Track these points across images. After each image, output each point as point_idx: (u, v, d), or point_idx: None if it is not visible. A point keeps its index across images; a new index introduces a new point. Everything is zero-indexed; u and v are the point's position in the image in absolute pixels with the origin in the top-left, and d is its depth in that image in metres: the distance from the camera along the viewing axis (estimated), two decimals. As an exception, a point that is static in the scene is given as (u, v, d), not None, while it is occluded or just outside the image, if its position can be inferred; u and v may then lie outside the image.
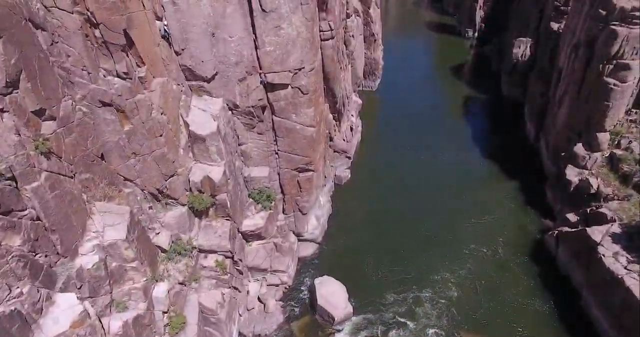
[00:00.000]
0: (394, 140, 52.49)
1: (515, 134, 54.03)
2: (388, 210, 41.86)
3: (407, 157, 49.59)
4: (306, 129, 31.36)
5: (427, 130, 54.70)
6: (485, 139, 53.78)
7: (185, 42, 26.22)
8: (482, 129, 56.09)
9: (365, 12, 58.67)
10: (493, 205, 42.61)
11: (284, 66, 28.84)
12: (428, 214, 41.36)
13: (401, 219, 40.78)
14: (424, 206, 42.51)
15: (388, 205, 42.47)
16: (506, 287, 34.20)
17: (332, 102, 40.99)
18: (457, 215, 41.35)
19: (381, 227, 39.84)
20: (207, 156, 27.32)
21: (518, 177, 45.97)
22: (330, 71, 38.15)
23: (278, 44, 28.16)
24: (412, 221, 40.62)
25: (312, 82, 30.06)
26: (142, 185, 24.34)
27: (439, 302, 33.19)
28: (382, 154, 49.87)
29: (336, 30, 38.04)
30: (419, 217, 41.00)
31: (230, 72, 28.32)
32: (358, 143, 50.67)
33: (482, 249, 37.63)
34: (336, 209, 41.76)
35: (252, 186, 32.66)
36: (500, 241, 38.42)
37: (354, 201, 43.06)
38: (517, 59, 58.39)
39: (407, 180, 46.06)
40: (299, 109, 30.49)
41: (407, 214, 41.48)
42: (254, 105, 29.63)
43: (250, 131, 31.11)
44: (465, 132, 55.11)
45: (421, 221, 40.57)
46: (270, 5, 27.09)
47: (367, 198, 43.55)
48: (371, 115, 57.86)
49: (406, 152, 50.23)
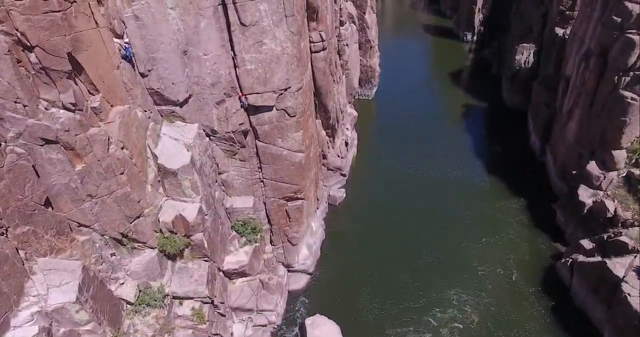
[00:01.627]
0: (392, 153, 48.78)
1: (518, 145, 50.35)
2: (386, 232, 38.18)
3: (406, 172, 45.94)
4: (294, 155, 27.62)
5: (427, 142, 51.00)
6: (487, 150, 50.11)
7: (152, 63, 22.45)
8: (484, 140, 52.38)
9: (360, 17, 54.89)
10: (498, 226, 38.96)
11: (268, 86, 25.09)
12: (430, 236, 37.69)
13: (401, 243, 37.11)
14: (425, 227, 38.86)
15: (386, 227, 38.78)
16: (518, 324, 30.47)
17: (324, 118, 37.24)
18: (461, 237, 37.68)
19: (379, 253, 36.14)
20: (180, 191, 23.59)
21: (524, 194, 42.31)
22: (322, 85, 34.41)
23: (260, 61, 24.41)
24: (413, 244, 36.95)
25: (300, 103, 26.32)
26: (101, 230, 20.61)
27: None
28: (379, 170, 46.14)
29: (328, 41, 34.30)
30: (420, 240, 37.31)
31: (206, 95, 24.57)
32: (354, 158, 46.97)
33: (489, 277, 33.95)
34: (330, 233, 38.03)
35: (236, 217, 28.93)
36: (509, 268, 34.77)
37: (350, 224, 39.33)
38: (519, 66, 54.64)
39: (407, 198, 42.40)
40: (286, 133, 26.75)
41: (407, 236, 37.80)
42: (235, 130, 25.88)
43: (231, 158, 27.38)
44: (466, 143, 51.45)
45: (422, 245, 36.89)
46: (250, 18, 23.33)
47: (363, 220, 39.82)
48: (367, 126, 54.11)
49: (405, 167, 46.58)
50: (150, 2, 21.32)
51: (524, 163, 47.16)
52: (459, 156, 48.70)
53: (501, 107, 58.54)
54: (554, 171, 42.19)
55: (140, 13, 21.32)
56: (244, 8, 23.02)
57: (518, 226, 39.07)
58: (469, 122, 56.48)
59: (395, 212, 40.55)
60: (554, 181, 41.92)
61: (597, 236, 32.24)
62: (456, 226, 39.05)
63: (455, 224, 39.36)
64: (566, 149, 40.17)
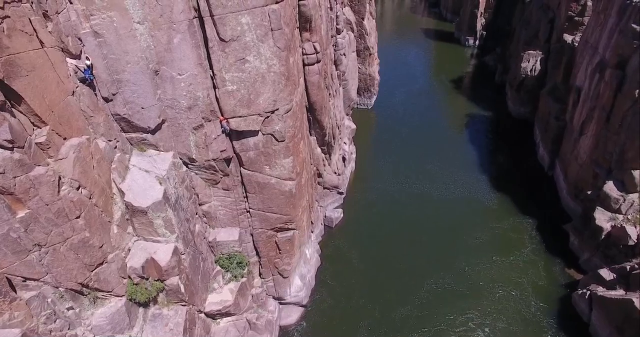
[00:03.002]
0: (392, 168, 45.45)
1: (525, 158, 47.00)
2: (387, 257, 34.86)
3: (407, 188, 42.62)
4: (283, 184, 24.34)
5: (429, 155, 47.69)
6: (492, 163, 46.74)
7: (117, 85, 19.20)
8: (489, 153, 49.01)
9: (358, 23, 51.57)
10: (509, 246, 35.63)
11: (252, 109, 21.81)
12: (435, 260, 34.38)
13: (402, 268, 33.80)
14: (429, 249, 35.51)
15: (387, 250, 35.47)
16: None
17: (319, 134, 33.97)
18: (468, 258, 34.46)
19: (379, 280, 32.85)
20: (152, 231, 20.34)
21: (533, 212, 38.98)
22: (317, 101, 31.13)
23: (242, 81, 21.12)
24: (415, 269, 33.63)
25: (289, 126, 23.03)
26: (54, 282, 17.39)
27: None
28: (379, 186, 42.77)
29: (323, 52, 31.02)
30: (424, 264, 34.00)
31: (181, 119, 21.30)
32: (352, 173, 43.66)
33: (498, 306, 30.63)
34: (326, 258, 34.73)
35: (220, 251, 25.67)
36: (518, 295, 31.45)
37: (347, 248, 36.00)
38: (525, 74, 51.25)
39: (408, 217, 39.07)
40: (274, 160, 23.47)
41: (409, 260, 34.49)
42: (216, 158, 22.60)
43: (213, 187, 24.11)
44: (470, 156, 48.10)
45: (426, 269, 33.59)
46: (231, 33, 20.04)
47: (362, 243, 36.48)
48: (366, 138, 50.76)
49: (406, 182, 43.27)
50: (112, 16, 18.07)
51: (532, 178, 43.82)
52: (463, 170, 45.38)
53: (506, 116, 55.16)
54: (566, 188, 38.83)
55: (100, 29, 18.08)
56: (223, 21, 19.76)
57: (529, 247, 35.73)
58: (472, 132, 53.12)
59: (396, 233, 37.26)
60: (565, 200, 38.56)
61: (618, 266, 28.94)
62: (463, 247, 35.74)
63: (461, 244, 36.03)
64: (579, 166, 36.82)
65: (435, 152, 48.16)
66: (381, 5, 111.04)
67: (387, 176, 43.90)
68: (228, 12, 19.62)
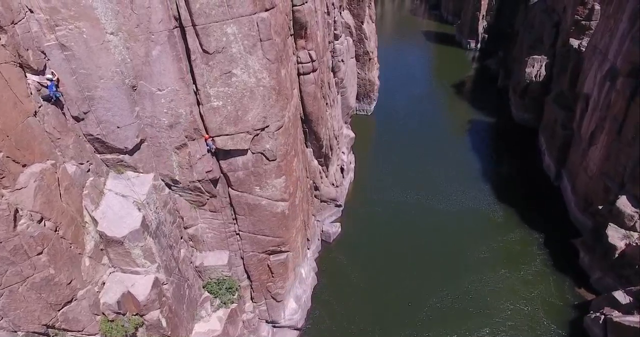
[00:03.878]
0: (392, 177, 43.34)
1: (530, 166, 44.86)
2: (387, 272, 32.77)
3: (408, 199, 40.49)
4: (275, 205, 22.27)
5: (430, 164, 45.58)
6: (496, 173, 44.61)
7: (89, 103, 17.12)
8: (493, 161, 46.87)
9: (357, 27, 49.44)
10: (517, 259, 33.67)
11: (239, 126, 19.72)
12: (437, 276, 32.28)
13: (404, 284, 31.72)
14: (431, 264, 33.40)
15: (387, 266, 33.37)
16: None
17: (316, 146, 31.90)
18: (475, 273, 32.50)
19: (379, 299, 30.75)
20: (130, 261, 18.30)
21: (540, 225, 36.84)
22: (313, 112, 29.08)
23: (229, 96, 19.05)
24: (418, 285, 31.51)
25: (281, 143, 20.95)
26: (13, 326, 15.39)
27: None
28: (378, 198, 40.59)
29: (319, 60, 28.97)
30: (426, 281, 31.90)
31: (162, 138, 19.23)
32: (351, 184, 41.58)
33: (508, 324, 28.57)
34: (323, 275, 32.65)
35: (208, 275, 23.64)
36: (529, 311, 29.46)
37: (346, 264, 33.90)
38: (530, 79, 49.09)
39: (409, 231, 36.95)
40: (264, 180, 21.41)
41: (410, 276, 32.36)
42: (201, 179, 20.54)
43: (199, 209, 22.08)
44: (472, 164, 45.98)
45: (429, 286, 31.51)
46: (216, 44, 17.96)
47: (361, 259, 34.37)
48: (366, 146, 48.64)
49: (407, 193, 41.15)
50: (81, 27, 15.97)
51: (538, 188, 41.69)
52: (465, 179, 43.27)
53: (509, 122, 52.97)
54: (574, 201, 36.73)
55: (68, 41, 15.98)
56: (207, 32, 17.68)
57: (538, 261, 33.69)
58: (475, 139, 50.99)
59: (397, 247, 35.17)
60: (574, 213, 36.44)
61: (634, 288, 26.83)
62: (467, 261, 33.68)
63: (466, 259, 33.96)
64: (588, 178, 34.72)
65: (437, 161, 46.05)
66: (381, 7, 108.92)
67: (387, 187, 41.81)
68: (212, 21, 17.55)
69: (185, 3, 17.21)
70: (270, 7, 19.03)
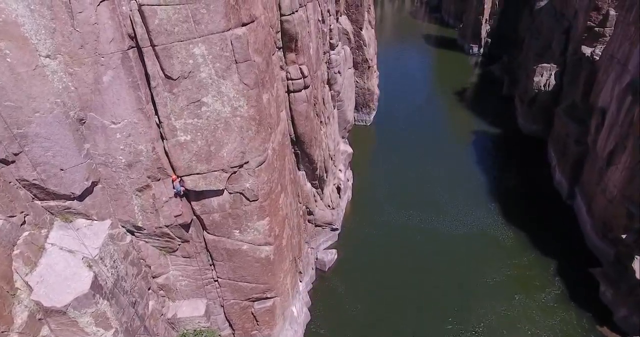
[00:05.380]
0: (392, 195, 39.79)
1: (539, 182, 41.30)
2: (388, 303, 29.23)
3: (409, 220, 36.95)
4: (258, 250, 18.86)
5: (432, 179, 42.08)
6: (504, 189, 40.96)
7: (21, 142, 13.68)
8: (499, 176, 43.24)
9: (356, 34, 45.90)
10: (527, 289, 30.06)
11: (213, 164, 16.31)
12: (444, 307, 28.74)
13: (407, 317, 28.18)
14: (436, 293, 29.82)
15: (388, 296, 29.81)
16: None
17: (309, 168, 28.45)
18: (483, 305, 28.87)
19: (380, 334, 27.41)
20: (78, 330, 14.90)
21: (553, 248, 33.30)
22: (305, 133, 25.64)
23: (199, 129, 15.62)
24: (422, 318, 27.97)
25: (264, 181, 17.53)
26: None
27: None
28: (378, 219, 37.02)
29: (312, 75, 25.53)
30: (431, 313, 28.35)
31: (120, 179, 15.81)
32: (348, 203, 38.06)
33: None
34: (317, 308, 29.21)
35: (184, 327, 20.29)
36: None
37: (342, 295, 30.37)
38: (538, 89, 45.59)
39: (412, 255, 33.42)
40: (245, 223, 17.99)
41: (414, 308, 28.77)
42: (170, 224, 17.17)
43: (171, 255, 18.69)
44: (478, 179, 42.43)
45: (435, 319, 27.95)
46: (181, 68, 14.50)
47: (359, 288, 30.86)
48: (365, 160, 45.13)
49: (408, 213, 37.60)
50: (4, 48, 12.51)
51: (549, 206, 38.18)
52: (471, 197, 39.74)
53: (515, 133, 49.42)
54: (590, 224, 33.25)
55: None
56: (169, 53, 14.22)
57: (554, 289, 30.21)
58: (480, 151, 47.48)
59: (399, 276, 31.66)
60: (591, 238, 32.96)
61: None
62: (477, 289, 30.11)
63: (475, 286, 30.38)
64: (607, 201, 31.21)
65: (440, 176, 42.55)
66: (381, 8, 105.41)
67: (387, 206, 38.31)
68: (175, 40, 14.09)
69: (141, 18, 13.76)
70: (249, 21, 15.56)
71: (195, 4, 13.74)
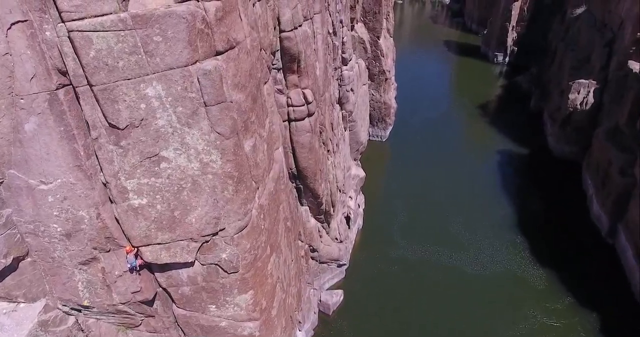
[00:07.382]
0: (408, 224, 35.17)
1: (574, 214, 36.01)
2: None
3: (426, 255, 32.35)
4: (240, 326, 14.86)
5: (453, 206, 37.29)
6: (533, 222, 35.68)
7: None
8: (528, 205, 37.94)
9: (373, 43, 41.44)
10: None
11: (178, 232, 12.40)
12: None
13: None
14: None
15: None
16: None
17: (313, 203, 24.42)
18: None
19: None
20: None
21: (593, 295, 28.55)
22: (308, 167, 21.60)
23: (158, 191, 11.72)
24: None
25: (246, 249, 13.52)
26: None
27: None
28: (390, 253, 32.33)
29: (319, 98, 21.47)
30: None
31: (57, 252, 12.02)
32: (359, 233, 33.79)
33: None
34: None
35: None
36: None
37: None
38: (573, 107, 40.40)
39: (428, 298, 28.92)
40: (222, 298, 14.06)
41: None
42: (127, 301, 13.41)
43: (133, 330, 14.94)
44: (504, 209, 37.29)
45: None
46: (128, 114, 10.57)
47: (367, 335, 26.92)
48: (379, 180, 40.66)
49: (425, 247, 32.98)
50: None
51: (585, 244, 33.17)
52: (495, 229, 34.87)
53: (545, 155, 44.14)
54: (639, 271, 28.37)
55: None
56: (113, 95, 10.32)
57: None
58: (504, 174, 42.53)
59: (413, 321, 27.33)
60: (638, 287, 28.11)
61: None
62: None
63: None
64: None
65: (461, 203, 37.79)
66: (400, 12, 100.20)
67: (402, 238, 33.81)
68: (120, 78, 10.18)
69: (72, 49, 9.90)
70: (227, 48, 11.52)
71: (146, 29, 9.80)
